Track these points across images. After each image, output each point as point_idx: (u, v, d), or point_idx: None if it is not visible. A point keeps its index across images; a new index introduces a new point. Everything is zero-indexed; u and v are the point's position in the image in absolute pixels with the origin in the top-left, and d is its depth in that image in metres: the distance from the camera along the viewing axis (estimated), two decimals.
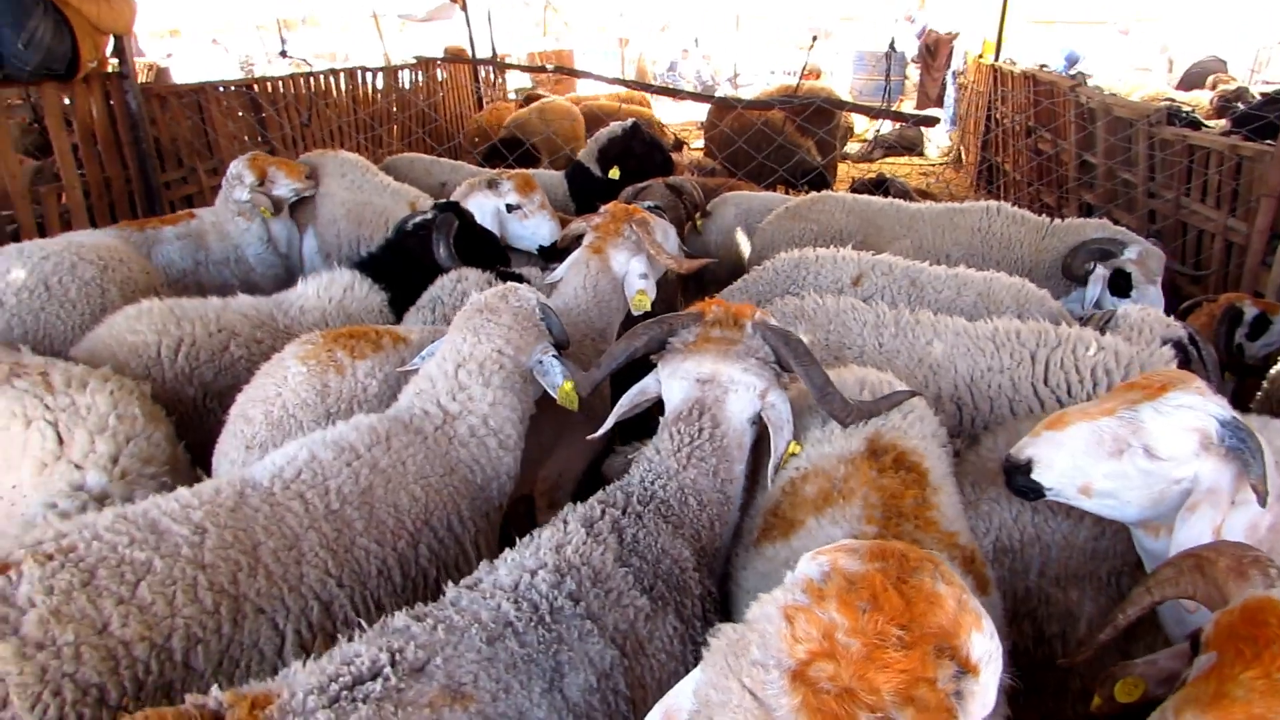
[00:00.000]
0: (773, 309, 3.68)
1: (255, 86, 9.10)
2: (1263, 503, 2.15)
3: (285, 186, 5.62)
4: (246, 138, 8.73)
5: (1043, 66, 12.23)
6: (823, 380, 2.42)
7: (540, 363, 2.86)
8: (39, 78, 6.15)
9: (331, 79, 10.21)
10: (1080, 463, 2.32)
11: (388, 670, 1.62)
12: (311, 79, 9.81)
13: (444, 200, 5.05)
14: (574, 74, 14.29)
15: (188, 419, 3.44)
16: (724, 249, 6.41)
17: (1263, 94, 9.73)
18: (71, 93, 6.55)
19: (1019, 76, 11.38)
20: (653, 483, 2.30)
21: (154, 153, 7.32)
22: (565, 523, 2.12)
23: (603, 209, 4.14)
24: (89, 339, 3.59)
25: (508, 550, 2.08)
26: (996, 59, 12.74)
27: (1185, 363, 3.41)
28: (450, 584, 1.96)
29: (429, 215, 4.57)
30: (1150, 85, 14.10)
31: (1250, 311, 4.65)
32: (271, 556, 2.11)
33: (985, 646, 1.32)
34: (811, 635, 1.28)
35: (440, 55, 14.44)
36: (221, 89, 8.58)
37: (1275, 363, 4.41)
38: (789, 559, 2.11)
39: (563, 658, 1.80)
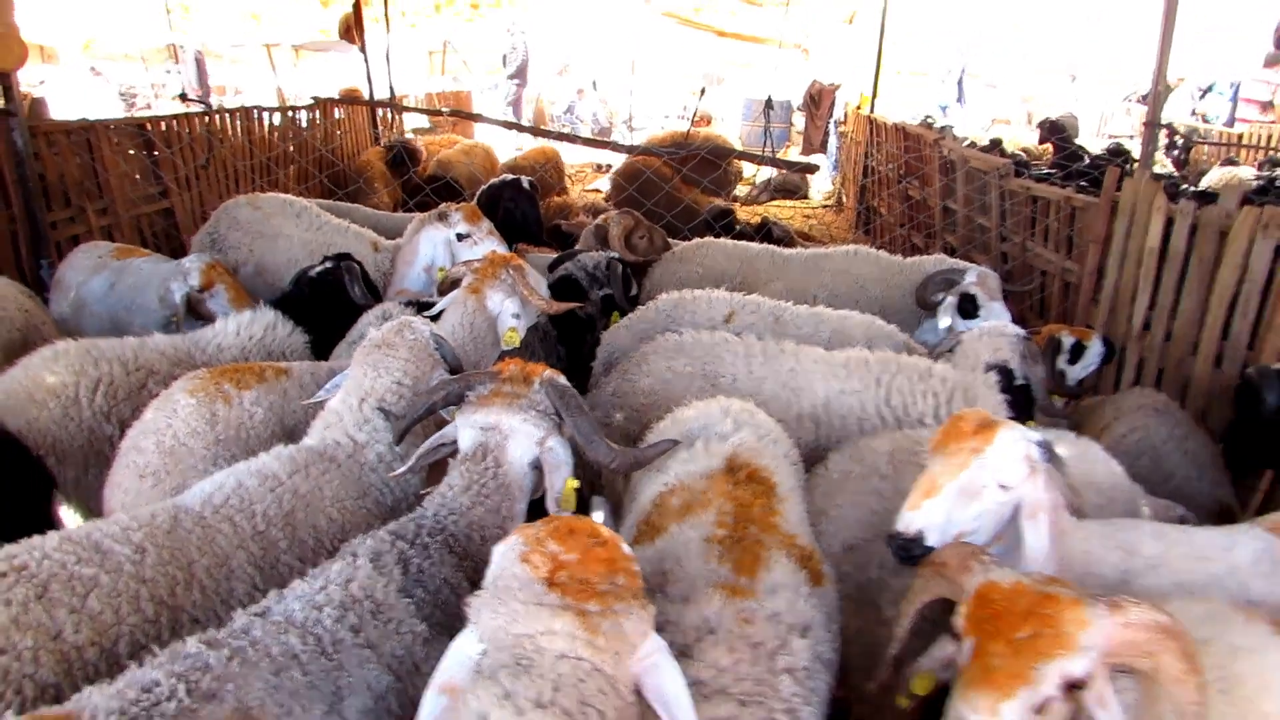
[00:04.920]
0: (657, 343, 4.11)
1: (149, 125, 9.03)
2: (1073, 493, 2.68)
3: (221, 307, 5.29)
4: (139, 177, 8.65)
5: (926, 119, 13.28)
6: (589, 431, 2.74)
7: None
8: None
9: (227, 118, 10.20)
10: (955, 516, 2.67)
11: (182, 694, 1.83)
12: (207, 118, 9.82)
13: (337, 254, 5.32)
14: (471, 117, 14.67)
15: (105, 456, 3.58)
16: None
17: (1096, 155, 10.82)
18: None
19: (891, 128, 12.26)
20: (445, 517, 2.56)
21: (40, 192, 7.20)
22: (355, 556, 2.34)
23: (483, 255, 4.51)
24: (7, 379, 3.68)
25: (298, 581, 2.28)
26: (872, 110, 13.69)
27: (1008, 384, 3.97)
28: (240, 611, 2.15)
29: (329, 265, 4.87)
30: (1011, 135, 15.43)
31: (1068, 340, 5.31)
32: (205, 573, 2.36)
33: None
34: (545, 562, 1.82)
35: (336, 95, 14.51)
36: (113, 127, 8.45)
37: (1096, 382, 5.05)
38: (654, 558, 2.49)
39: (342, 683, 2.05)
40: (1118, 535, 2.91)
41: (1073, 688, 1.92)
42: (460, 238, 5.69)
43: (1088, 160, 10.33)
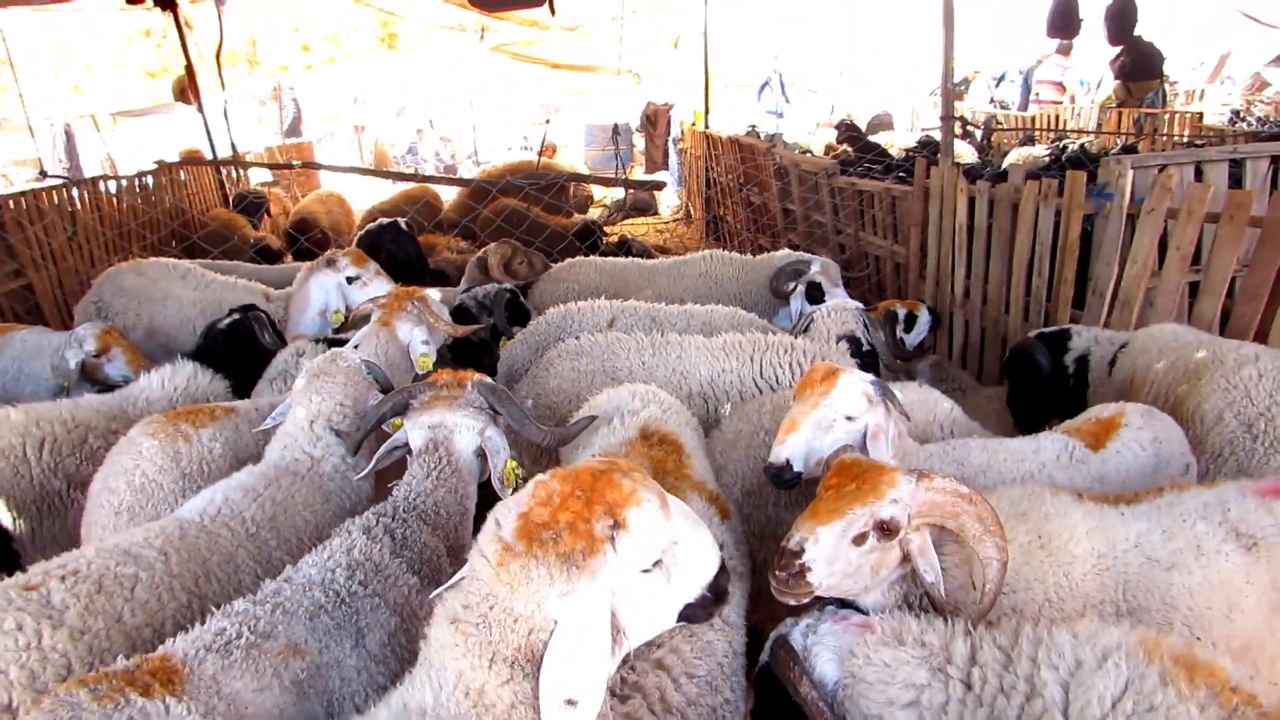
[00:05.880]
0: (559, 350, 4.65)
1: None
2: (907, 417, 3.42)
3: (119, 371, 5.45)
4: None
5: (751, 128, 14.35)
6: (520, 417, 3.26)
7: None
8: None
9: (75, 190, 10.07)
10: (813, 445, 3.30)
11: (247, 634, 2.31)
12: (54, 192, 9.69)
13: (243, 305, 5.61)
14: (319, 167, 14.85)
15: (55, 508, 3.87)
16: None
17: (909, 148, 12.05)
18: None
19: (727, 141, 13.17)
20: (414, 499, 3.00)
21: None
22: (350, 532, 2.81)
23: (386, 292, 4.93)
24: None
25: (307, 555, 2.74)
26: (706, 126, 14.63)
27: (858, 350, 4.71)
28: (268, 580, 2.61)
29: (237, 316, 5.20)
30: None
31: (902, 312, 6.17)
32: (217, 567, 2.76)
33: (641, 518, 2.00)
34: (540, 495, 2.02)
35: (176, 158, 14.35)
36: None
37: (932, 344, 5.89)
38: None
39: (361, 624, 2.54)
40: (952, 453, 3.66)
41: (884, 530, 2.60)
42: (350, 280, 6.03)
43: (880, 154, 11.59)
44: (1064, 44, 15.71)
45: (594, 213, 16.59)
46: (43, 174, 13.18)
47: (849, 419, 3.29)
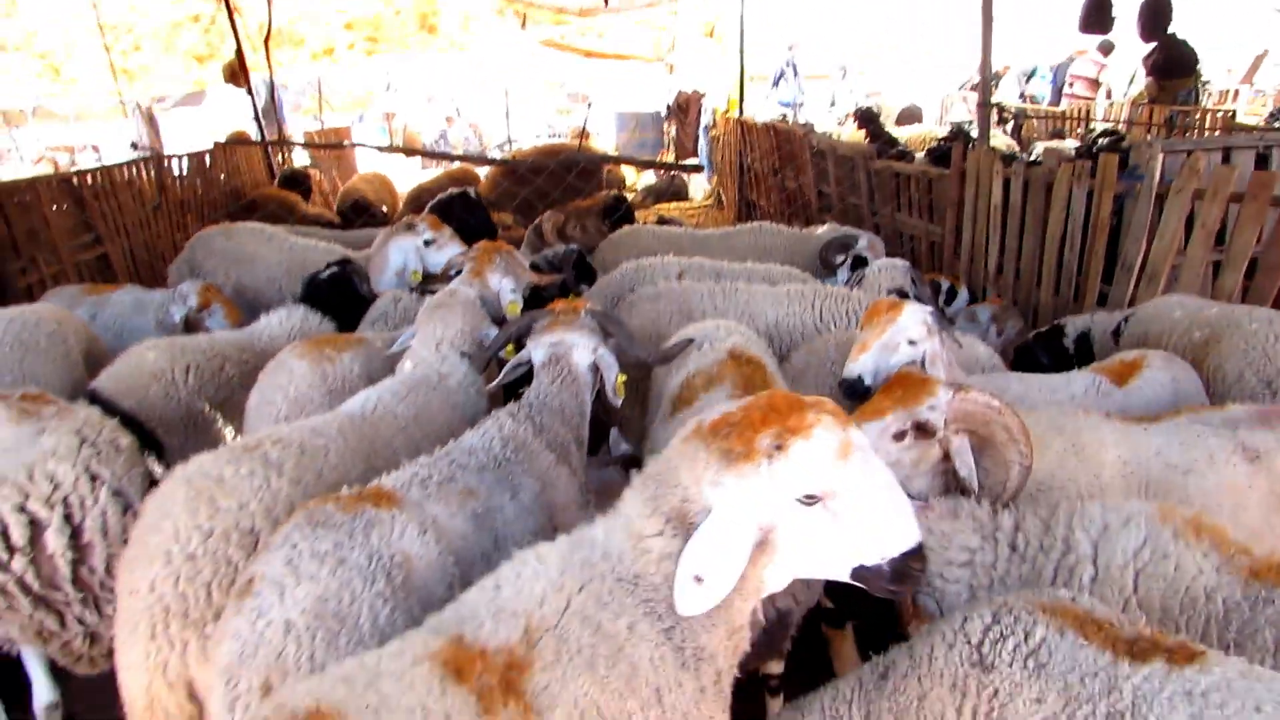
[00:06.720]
0: (637, 295, 5.18)
1: (75, 179, 9.44)
2: (959, 344, 3.98)
3: (218, 324, 6.04)
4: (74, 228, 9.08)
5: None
6: (628, 337, 3.83)
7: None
8: None
9: (139, 167, 10.67)
10: (880, 364, 3.81)
11: (436, 478, 2.89)
12: (128, 168, 10.30)
13: (340, 258, 6.20)
14: (372, 148, 15.59)
15: (199, 426, 4.44)
16: None
17: (940, 138, 12.47)
18: None
19: (761, 128, 13.64)
20: (543, 399, 3.54)
21: (7, 246, 7.69)
22: (498, 417, 3.38)
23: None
24: (115, 370, 4.45)
25: (467, 432, 3.31)
26: (741, 114, 15.10)
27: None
28: (438, 447, 3.17)
29: (336, 269, 5.75)
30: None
31: (945, 284, 6.67)
32: (383, 446, 3.33)
33: (804, 449, 2.06)
34: (746, 404, 2.20)
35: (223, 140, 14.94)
36: (54, 184, 8.88)
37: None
38: (693, 414, 3.52)
39: (515, 482, 3.09)
40: (994, 382, 4.16)
41: (921, 430, 3.10)
42: (427, 243, 6.56)
43: (898, 144, 12.08)
44: (1105, 42, 15.86)
45: (626, 197, 17.03)
46: (133, 146, 13.81)
47: (911, 343, 3.79)
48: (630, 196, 17.31)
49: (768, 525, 2.10)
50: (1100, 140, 10.37)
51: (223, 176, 13.18)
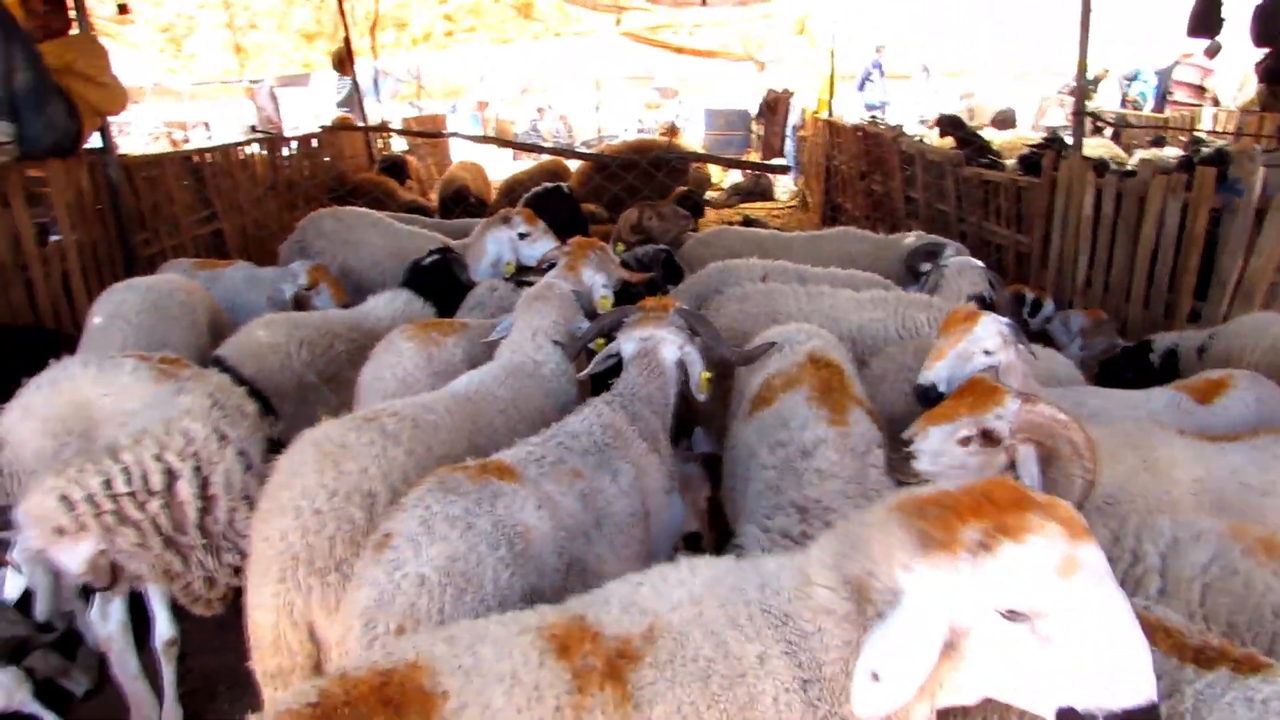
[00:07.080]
0: (726, 295, 5.37)
1: (195, 157, 10.04)
2: (1034, 355, 4.06)
3: (326, 303, 6.36)
4: (193, 204, 9.64)
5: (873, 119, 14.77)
6: (715, 336, 4.00)
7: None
8: (48, 155, 7.12)
9: (255, 147, 11.27)
10: (955, 372, 3.90)
11: (548, 457, 3.12)
12: (254, 146, 10.93)
13: (440, 246, 6.53)
14: (454, 136, 16.14)
15: (309, 398, 4.77)
16: None
17: (1033, 145, 12.26)
18: (67, 166, 7.49)
19: (850, 130, 13.64)
20: (634, 390, 3.74)
21: (130, 218, 8.22)
22: (595, 405, 3.58)
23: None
24: (237, 340, 4.86)
25: (569, 416, 3.53)
26: (830, 115, 15.10)
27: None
28: (544, 429, 3.41)
29: (437, 256, 6.06)
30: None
31: (1029, 296, 6.68)
32: (485, 424, 3.61)
33: (1016, 554, 1.81)
34: (967, 487, 1.98)
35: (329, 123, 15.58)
36: (180, 160, 9.47)
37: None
38: (772, 415, 3.70)
39: (614, 466, 3.29)
40: (1072, 395, 4.23)
41: (986, 437, 3.18)
42: (522, 236, 6.83)
43: (990, 149, 11.92)
44: (1211, 44, 15.31)
45: (710, 195, 17.19)
46: (253, 128, 14.55)
47: (986, 353, 3.88)
48: (716, 195, 17.49)
49: (960, 628, 1.88)
50: (1201, 151, 10.13)
51: (327, 159, 13.77)
